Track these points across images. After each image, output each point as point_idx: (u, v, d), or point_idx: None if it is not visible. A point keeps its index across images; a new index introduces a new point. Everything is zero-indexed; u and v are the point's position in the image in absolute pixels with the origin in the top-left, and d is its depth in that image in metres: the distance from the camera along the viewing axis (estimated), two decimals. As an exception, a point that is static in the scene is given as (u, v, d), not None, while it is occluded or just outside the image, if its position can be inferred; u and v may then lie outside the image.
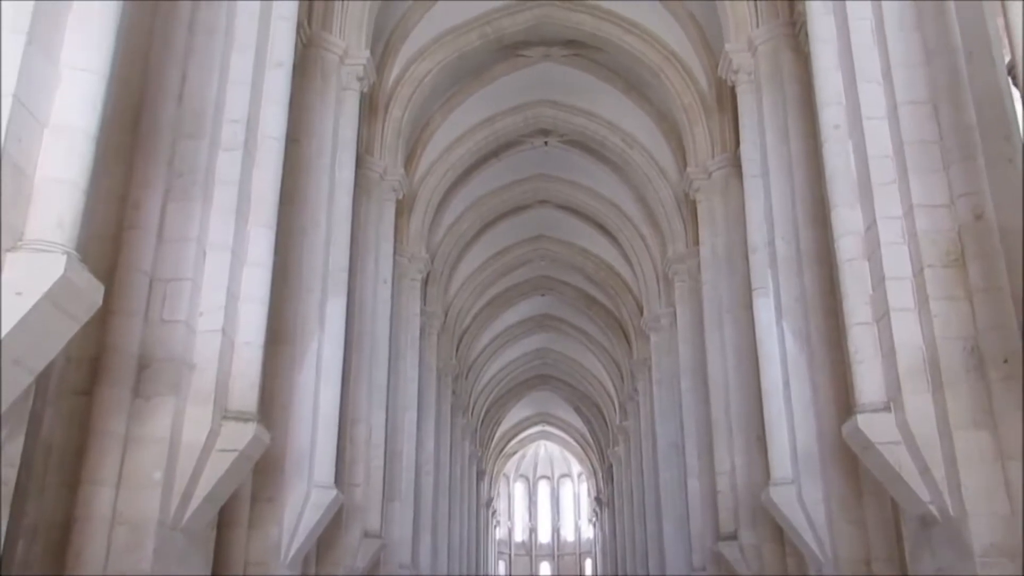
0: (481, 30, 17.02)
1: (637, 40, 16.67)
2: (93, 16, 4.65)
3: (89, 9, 4.63)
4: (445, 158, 19.75)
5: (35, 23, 4.30)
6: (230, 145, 8.00)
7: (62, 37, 4.63)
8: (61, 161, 4.54)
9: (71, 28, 4.68)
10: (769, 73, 11.93)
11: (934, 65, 7.36)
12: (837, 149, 8.11)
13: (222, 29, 8.09)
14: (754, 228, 12.00)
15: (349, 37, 12.93)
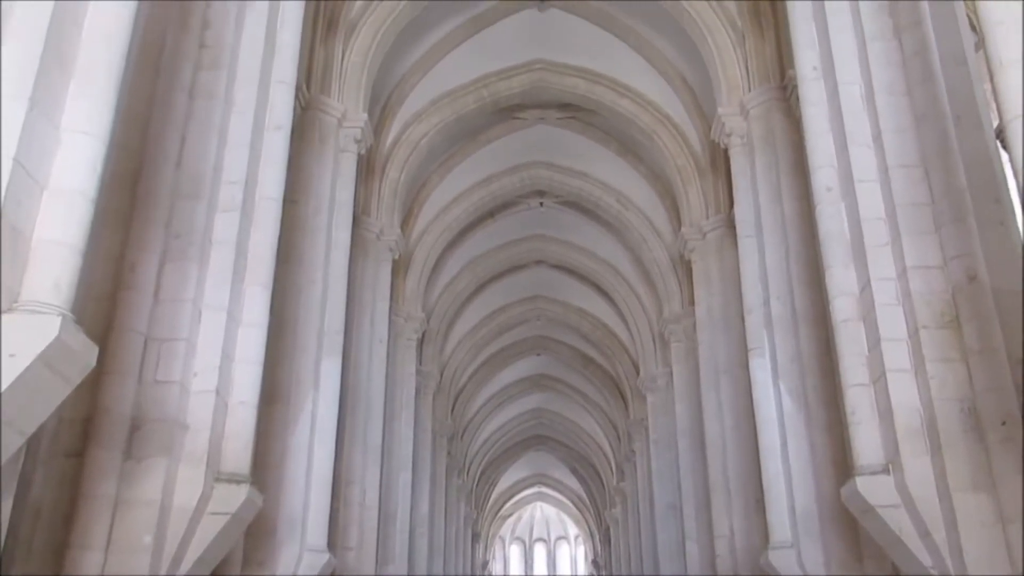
0: (477, 93, 17.31)
1: (630, 103, 16.96)
2: (95, 82, 4.72)
3: (92, 75, 4.69)
4: (441, 218, 19.90)
5: (37, 88, 4.36)
6: (228, 206, 8.06)
7: (64, 101, 4.69)
8: (59, 223, 4.55)
9: (73, 93, 4.73)
10: (761, 136, 12.10)
11: (923, 129, 7.49)
12: (830, 211, 8.19)
13: (222, 94, 8.21)
14: (749, 288, 12.04)
15: (347, 100, 13.12)
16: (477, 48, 16.52)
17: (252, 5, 8.78)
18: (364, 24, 13.47)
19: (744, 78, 12.79)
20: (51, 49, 4.43)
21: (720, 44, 13.09)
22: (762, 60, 12.61)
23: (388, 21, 13.67)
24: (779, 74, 12.25)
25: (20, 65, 4.30)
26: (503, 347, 28.81)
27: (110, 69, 4.76)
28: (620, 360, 26.36)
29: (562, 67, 17.24)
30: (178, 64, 8.02)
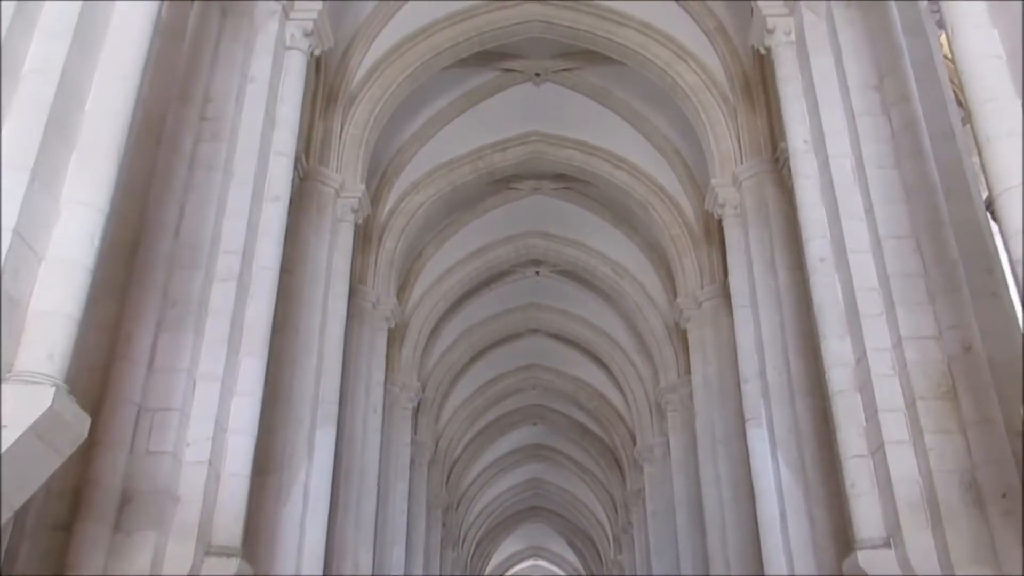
0: (474, 164, 17.52)
1: (625, 174, 17.17)
2: (97, 155, 4.78)
3: (94, 149, 4.76)
4: (438, 287, 19.95)
5: (39, 161, 4.42)
6: (225, 276, 8.10)
7: (65, 174, 4.74)
8: (56, 294, 4.57)
9: (74, 165, 4.79)
10: (754, 207, 12.23)
11: (914, 201, 7.59)
12: (824, 281, 8.24)
13: (222, 165, 8.32)
14: (745, 358, 12.02)
15: (346, 171, 13.28)
16: (474, 120, 16.79)
17: (254, 81, 8.96)
18: (363, 98, 13.72)
19: (736, 150, 12.99)
20: (54, 123, 4.50)
21: (712, 118, 13.33)
22: (754, 133, 12.82)
23: (387, 95, 13.93)
24: (771, 147, 12.44)
25: (23, 138, 4.37)
26: (498, 416, 28.60)
27: (112, 143, 4.83)
28: (617, 430, 26.15)
29: (558, 139, 17.51)
30: (179, 136, 8.14)
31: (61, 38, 4.57)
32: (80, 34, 4.66)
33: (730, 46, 13.27)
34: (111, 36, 4.94)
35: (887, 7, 8.45)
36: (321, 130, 13.20)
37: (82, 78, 4.73)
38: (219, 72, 8.68)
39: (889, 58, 8.19)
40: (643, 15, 13.92)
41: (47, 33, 4.57)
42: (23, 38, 4.48)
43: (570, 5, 14.28)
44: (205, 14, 8.77)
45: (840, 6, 8.78)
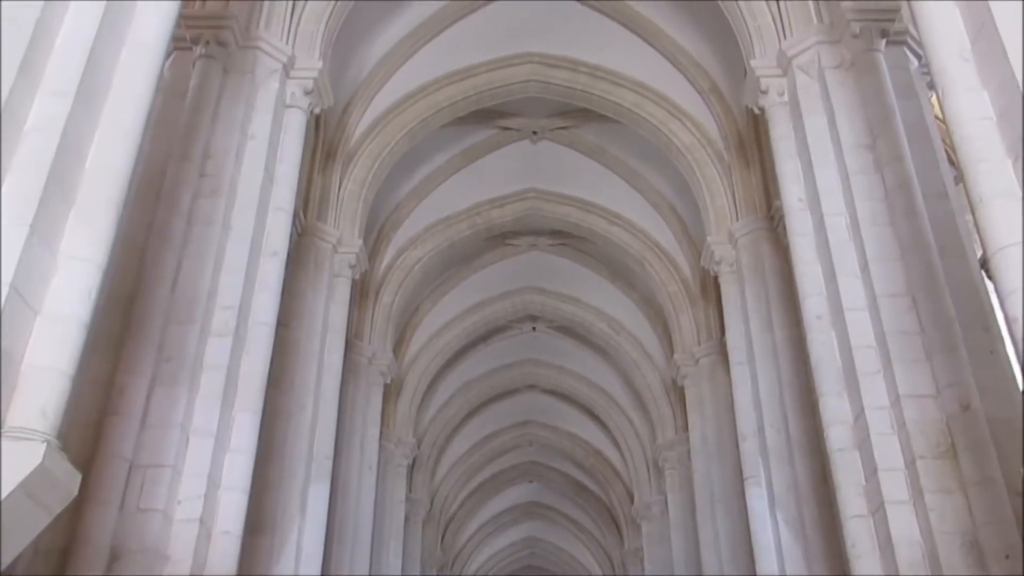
0: (471, 220, 17.64)
1: (621, 231, 17.28)
2: (96, 211, 4.80)
3: (93, 205, 4.78)
4: (434, 343, 19.91)
5: (38, 216, 4.43)
6: (221, 331, 8.08)
7: (64, 229, 4.75)
8: (51, 349, 4.54)
9: (73, 221, 4.80)
10: (750, 264, 12.28)
11: (909, 260, 7.63)
12: (821, 339, 8.24)
13: (220, 220, 8.36)
14: (743, 416, 11.95)
15: (343, 226, 13.35)
16: (471, 177, 16.94)
17: (254, 138, 9.05)
18: (362, 154, 13.86)
19: (731, 208, 13.09)
20: (55, 180, 4.52)
21: (707, 176, 13.47)
22: (748, 191, 12.94)
23: (385, 151, 14.08)
24: (765, 204, 12.54)
25: (24, 194, 4.39)
26: (494, 474, 28.30)
27: (111, 200, 4.85)
28: (614, 487, 25.86)
29: (554, 196, 17.64)
30: (178, 192, 8.20)
31: (64, 97, 4.62)
32: (83, 93, 4.71)
33: (724, 105, 13.46)
34: (113, 95, 4.99)
35: (879, 70, 8.61)
36: (320, 186, 13.31)
37: (83, 136, 4.77)
38: (219, 129, 8.78)
39: (881, 119, 8.31)
40: (638, 75, 14.15)
41: (50, 91, 4.61)
42: (26, 96, 4.52)
43: (566, 65, 14.53)
44: (207, 72, 8.90)
45: (832, 68, 8.93)
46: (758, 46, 10.00)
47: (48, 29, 4.69)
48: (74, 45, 4.75)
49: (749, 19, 10.18)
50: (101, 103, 4.92)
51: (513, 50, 14.44)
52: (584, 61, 14.45)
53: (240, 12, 9.45)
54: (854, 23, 8.84)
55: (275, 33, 9.80)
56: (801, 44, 9.36)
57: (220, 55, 9.07)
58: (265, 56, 9.52)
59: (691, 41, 13.47)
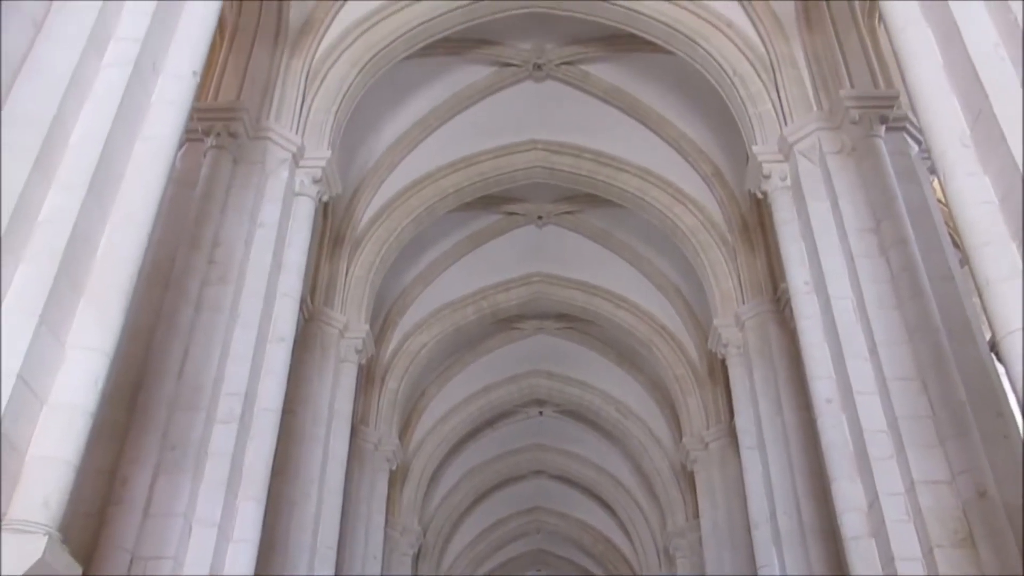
0: (477, 305, 17.70)
1: (627, 314, 17.30)
2: (105, 300, 4.82)
3: (102, 294, 4.81)
4: (440, 428, 19.75)
5: (48, 306, 4.45)
6: (226, 418, 8.02)
7: (73, 318, 4.76)
8: (56, 439, 4.50)
9: (82, 309, 4.82)
10: (758, 347, 12.23)
11: (917, 342, 7.59)
12: (832, 422, 8.14)
13: (228, 307, 8.39)
14: (754, 502, 11.73)
15: (350, 311, 13.40)
16: (477, 262, 17.07)
17: (263, 226, 9.16)
18: (369, 240, 14.01)
19: (737, 290, 13.12)
20: (65, 270, 4.56)
21: (712, 259, 13.55)
22: (754, 274, 12.98)
23: (392, 237, 14.23)
24: (771, 286, 12.57)
25: (34, 284, 4.42)
26: (502, 562, 27.68)
27: (120, 289, 4.88)
28: None
29: (560, 280, 17.73)
30: (187, 279, 8.25)
31: (77, 189, 4.69)
32: (96, 185, 4.79)
33: (727, 190, 13.63)
34: (126, 186, 5.07)
35: (879, 155, 8.73)
36: (327, 272, 13.41)
37: (95, 227, 4.83)
38: (229, 217, 8.89)
39: (884, 202, 8.38)
40: (641, 160, 14.38)
41: (63, 185, 4.69)
42: (39, 189, 4.60)
43: (570, 151, 14.79)
44: (218, 162, 9.06)
45: (833, 154, 9.06)
46: (759, 132, 10.18)
47: (63, 125, 4.80)
48: (89, 140, 4.85)
49: (750, 106, 10.39)
50: (113, 195, 5.00)
51: (518, 137, 14.72)
52: (588, 147, 14.71)
53: (251, 104, 9.68)
54: (853, 110, 9.02)
55: (285, 124, 10.02)
56: (802, 130, 9.52)
57: (231, 146, 9.25)
58: (275, 146, 9.71)
59: (693, 127, 13.73)
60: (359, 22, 11.05)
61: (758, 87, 10.36)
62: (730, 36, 10.76)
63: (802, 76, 10.11)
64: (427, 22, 11.34)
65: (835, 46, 9.88)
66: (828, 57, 9.89)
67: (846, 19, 10.03)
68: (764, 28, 10.49)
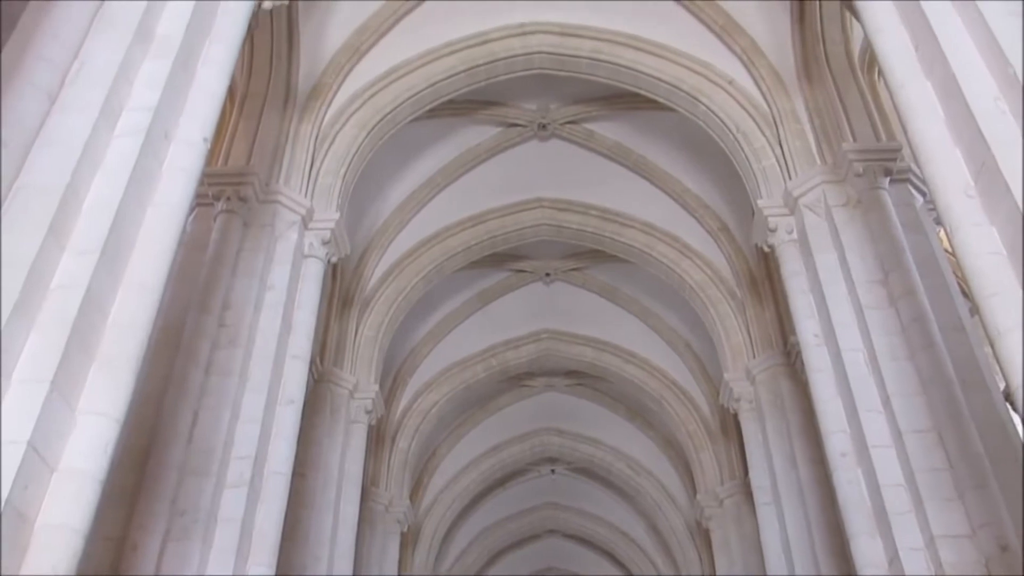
0: (486, 362, 17.68)
1: (637, 369, 17.24)
2: (116, 366, 4.83)
3: (113, 360, 4.82)
4: (451, 488, 19.57)
5: (59, 372, 4.46)
6: (236, 482, 7.96)
7: (84, 384, 4.76)
8: (65, 507, 4.46)
9: (93, 375, 4.82)
10: (770, 401, 12.15)
11: (931, 394, 7.52)
12: (848, 477, 8.04)
13: (237, 370, 8.39)
14: (772, 559, 11.52)
15: (359, 372, 13.38)
16: (486, 320, 17.09)
17: (272, 288, 9.21)
18: (378, 300, 14.06)
19: (747, 344, 13.08)
20: (76, 337, 4.58)
21: (721, 313, 13.53)
22: (763, 327, 12.95)
23: (400, 297, 14.28)
24: (782, 339, 12.52)
25: (45, 351, 4.44)
26: (516, 625, 27.15)
27: (131, 354, 4.90)
28: (641, 638, 24.72)
29: (569, 336, 17.72)
30: (197, 343, 8.27)
31: (89, 256, 4.74)
32: (108, 251, 4.84)
33: (734, 244, 13.67)
34: (137, 252, 5.12)
35: (885, 207, 8.77)
36: (336, 332, 13.42)
37: (106, 292, 4.86)
38: (239, 280, 8.94)
39: (891, 254, 8.39)
40: (647, 216, 14.47)
41: (76, 250, 4.74)
42: (52, 256, 4.65)
43: (577, 208, 14.90)
44: (228, 226, 9.15)
45: (839, 207, 9.10)
46: (764, 186, 10.25)
47: (76, 193, 4.87)
48: (101, 207, 4.91)
49: (754, 161, 10.48)
50: (125, 261, 5.05)
51: (524, 196, 14.86)
52: (594, 204, 14.82)
53: (261, 168, 9.81)
54: (857, 163, 9.08)
55: (294, 187, 10.15)
56: (806, 184, 9.58)
57: (241, 209, 9.35)
58: (285, 209, 9.81)
59: (698, 182, 13.83)
60: (367, 86, 11.26)
61: (761, 142, 10.47)
62: (731, 93, 10.91)
63: (805, 130, 10.21)
64: (433, 85, 11.56)
65: (836, 100, 9.99)
66: (830, 111, 10.00)
67: (846, 74, 10.16)
68: (765, 84, 10.63)
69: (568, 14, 11.67)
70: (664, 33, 11.33)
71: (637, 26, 11.45)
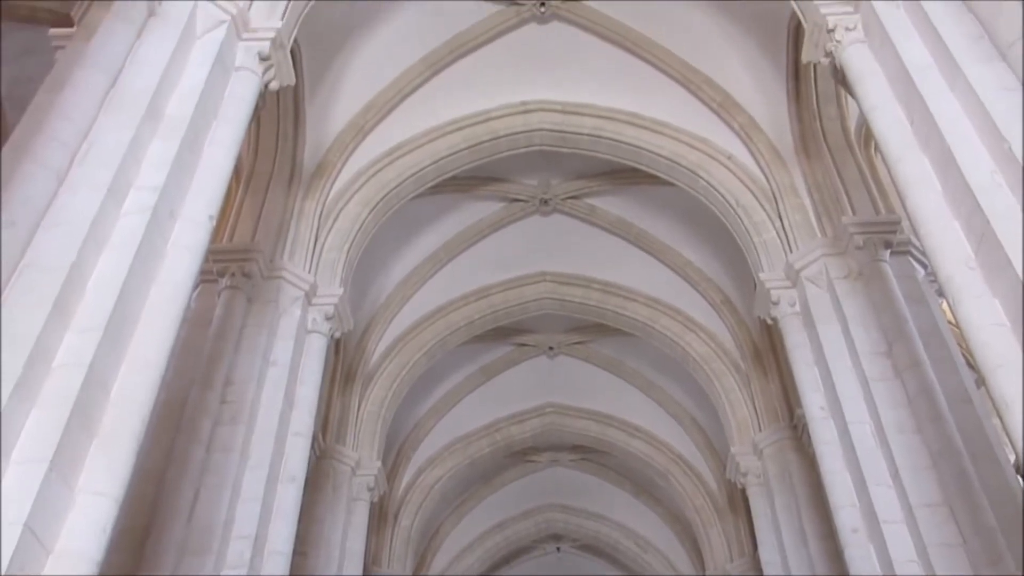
0: (491, 437, 17.53)
1: (643, 444, 17.08)
2: (117, 444, 4.79)
3: (114, 437, 4.78)
4: (455, 566, 19.20)
5: (59, 452, 4.42)
6: (235, 564, 7.81)
7: (83, 463, 4.72)
8: (61, 590, 4.39)
9: (93, 453, 4.78)
10: (778, 475, 11.99)
11: (941, 467, 7.42)
12: (860, 554, 7.88)
13: (239, 447, 8.32)
14: (786, 640, 11.24)
15: (362, 448, 13.25)
16: (489, 394, 17.00)
17: (275, 364, 9.19)
18: (381, 375, 14.01)
19: (753, 417, 12.97)
20: (78, 414, 4.56)
21: (726, 386, 13.45)
22: (769, 400, 12.86)
23: (403, 371, 14.23)
24: (787, 412, 12.41)
25: (46, 430, 4.41)
26: None
27: (132, 432, 4.87)
28: None
29: (573, 410, 17.60)
30: (199, 419, 8.21)
31: (93, 332, 4.75)
32: (111, 329, 4.85)
33: (737, 316, 13.67)
34: (141, 329, 5.13)
35: (886, 279, 8.78)
36: (339, 408, 13.34)
37: (109, 370, 4.86)
38: (242, 356, 8.93)
39: (895, 326, 8.37)
40: (650, 290, 14.50)
41: (80, 328, 4.76)
42: (56, 334, 4.66)
43: (579, 282, 14.96)
44: (232, 302, 9.17)
45: (841, 279, 9.13)
46: (765, 259, 10.29)
47: (82, 271, 4.91)
48: (106, 285, 4.95)
49: (754, 234, 10.55)
50: (128, 338, 5.06)
51: (527, 270, 14.93)
52: (596, 278, 14.87)
53: (266, 245, 9.89)
54: (857, 236, 9.13)
55: (298, 263, 10.21)
56: (807, 257, 9.62)
57: (245, 285, 9.38)
58: (289, 285, 9.86)
59: (699, 255, 13.90)
60: (371, 163, 11.43)
61: (761, 216, 10.55)
62: (730, 168, 11.06)
63: (804, 204, 10.30)
64: (436, 162, 11.74)
65: (834, 174, 10.11)
66: (828, 185, 10.10)
67: (843, 149, 10.30)
68: (764, 159, 10.77)
69: (569, 92, 11.90)
70: (663, 110, 11.54)
71: (637, 103, 11.67)
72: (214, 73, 6.44)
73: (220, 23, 6.71)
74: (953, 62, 5.58)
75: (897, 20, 6.26)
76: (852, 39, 6.71)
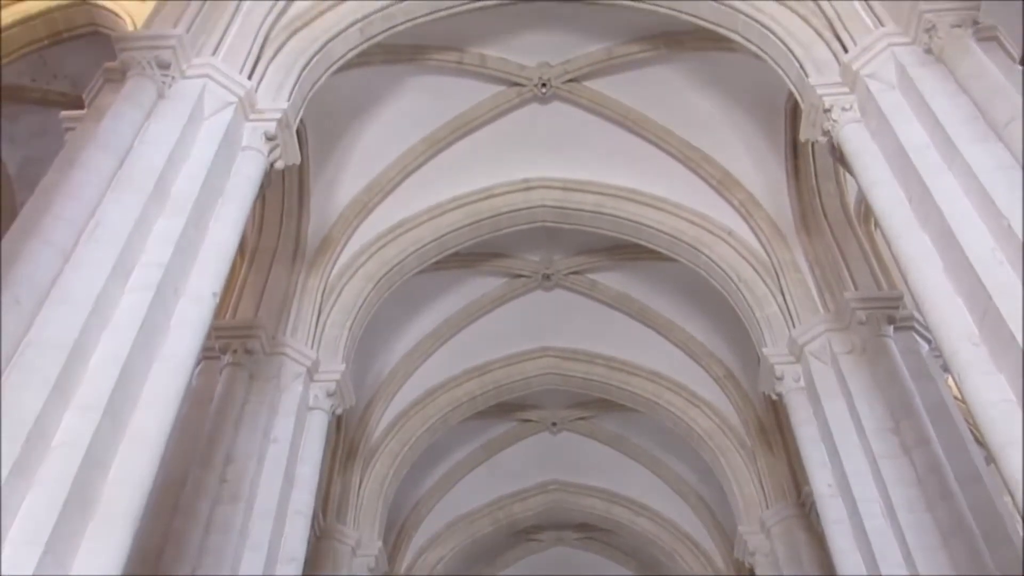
0: (493, 516, 17.24)
1: (648, 522, 16.78)
2: (114, 525, 4.72)
3: (111, 518, 4.72)
4: (457, 650, 18.63)
5: (55, 534, 4.35)
6: (232, 648, 7.62)
7: (79, 544, 4.64)
8: None
9: (90, 534, 4.71)
10: (786, 554, 11.73)
11: (952, 547, 7.27)
12: (873, 636, 7.67)
13: (237, 527, 8.17)
14: None
15: (363, 527, 13.00)
16: (492, 471, 16.77)
17: (276, 442, 9.10)
18: (382, 452, 13.84)
19: (760, 494, 12.75)
20: (75, 495, 4.51)
21: (732, 463, 13.27)
22: (776, 476, 12.67)
23: (405, 448, 14.07)
24: (795, 489, 12.21)
25: (42, 512, 4.36)
26: None
27: (129, 513, 4.80)
28: None
29: (577, 487, 17.35)
30: (197, 499, 8.09)
31: (93, 411, 4.73)
32: (111, 409, 4.82)
33: (741, 391, 13.57)
34: (141, 407, 5.11)
35: (891, 354, 8.75)
36: (339, 486, 13.15)
37: (108, 449, 4.82)
38: (243, 434, 8.84)
39: (901, 402, 8.30)
40: (652, 364, 14.43)
41: (80, 407, 4.73)
42: (55, 413, 4.63)
43: (582, 358, 14.89)
44: (233, 379, 9.13)
45: (844, 354, 9.09)
46: (768, 334, 10.27)
47: (84, 349, 4.91)
48: (107, 363, 4.95)
49: (756, 309, 10.55)
50: (128, 417, 5.03)
51: (530, 345, 14.89)
52: (599, 353, 14.82)
53: (268, 321, 9.89)
54: (859, 311, 9.12)
55: (301, 339, 10.20)
56: (810, 332, 9.59)
57: (247, 362, 9.35)
58: (291, 361, 9.82)
59: (702, 330, 13.88)
60: (374, 240, 11.52)
61: (763, 291, 10.58)
62: (731, 244, 11.13)
63: (805, 279, 10.33)
64: (439, 238, 11.83)
65: (835, 250, 10.16)
66: (829, 261, 10.14)
67: (843, 225, 10.39)
68: (764, 235, 10.85)
69: (571, 170, 12.06)
70: (664, 187, 11.68)
71: (637, 180, 11.82)
72: (221, 153, 6.55)
73: (227, 104, 6.85)
74: (950, 142, 5.67)
75: (892, 100, 6.38)
76: (848, 119, 6.82)
